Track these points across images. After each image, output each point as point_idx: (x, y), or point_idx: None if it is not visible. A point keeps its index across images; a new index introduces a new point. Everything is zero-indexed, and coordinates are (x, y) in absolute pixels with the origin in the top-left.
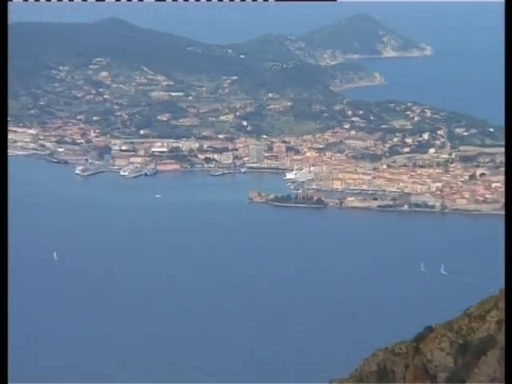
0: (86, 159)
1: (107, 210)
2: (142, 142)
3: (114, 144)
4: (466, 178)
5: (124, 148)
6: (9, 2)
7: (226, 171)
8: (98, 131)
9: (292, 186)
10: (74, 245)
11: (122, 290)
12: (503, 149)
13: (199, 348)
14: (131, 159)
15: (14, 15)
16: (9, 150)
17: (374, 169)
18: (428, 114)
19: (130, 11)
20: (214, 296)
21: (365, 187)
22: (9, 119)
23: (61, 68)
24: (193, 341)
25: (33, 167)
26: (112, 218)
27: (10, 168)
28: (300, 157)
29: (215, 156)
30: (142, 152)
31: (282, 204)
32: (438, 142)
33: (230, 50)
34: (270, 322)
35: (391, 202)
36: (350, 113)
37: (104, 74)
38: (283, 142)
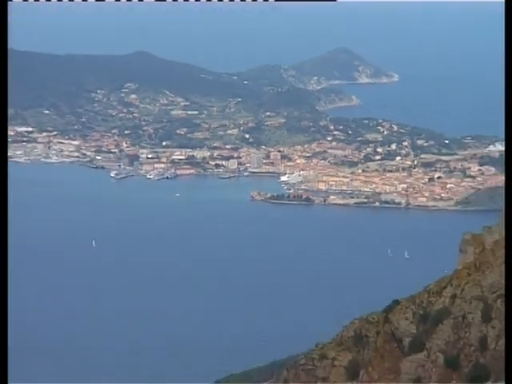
0: (119, 165)
1: (136, 205)
2: (164, 151)
3: (142, 153)
4: (426, 180)
5: (150, 156)
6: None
7: (232, 175)
8: (128, 142)
9: (285, 187)
10: (109, 233)
11: (150, 266)
12: (457, 157)
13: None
14: (155, 165)
15: (62, 48)
16: (57, 158)
17: (352, 173)
18: (395, 128)
19: (153, 44)
20: (225, 271)
21: (344, 188)
22: (56, 133)
23: (98, 91)
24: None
25: (76, 171)
26: (141, 211)
27: (59, 172)
28: (292, 163)
29: (223, 162)
30: (164, 159)
31: (277, 201)
32: (403, 152)
33: (235, 77)
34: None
35: (365, 200)
36: (332, 128)
37: (133, 96)
38: (278, 151)
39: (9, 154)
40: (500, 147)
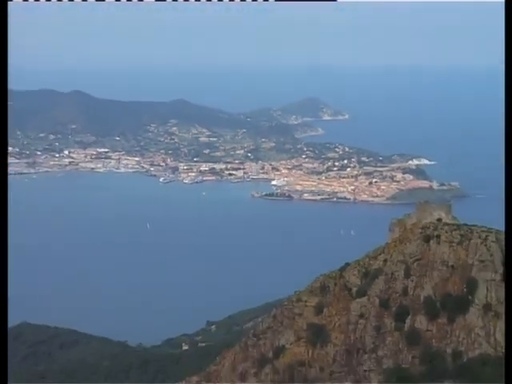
0: (165, 174)
1: (177, 200)
2: (195, 165)
3: (180, 166)
4: (367, 183)
5: (185, 168)
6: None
7: (239, 180)
8: (171, 159)
9: (274, 188)
10: (159, 218)
11: (183, 242)
12: (387, 168)
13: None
14: (189, 174)
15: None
16: (124, 170)
17: (318, 179)
18: (347, 149)
19: (191, 94)
20: (234, 239)
21: (313, 189)
22: (124, 153)
23: (151, 125)
24: None
25: (137, 179)
26: (180, 204)
27: (126, 179)
28: (279, 172)
29: (234, 172)
30: (194, 170)
31: (269, 198)
32: (351, 165)
33: (241, 116)
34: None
35: (327, 197)
36: (305, 149)
37: (174, 128)
38: (270, 164)
39: (92, 166)
40: (416, 162)
